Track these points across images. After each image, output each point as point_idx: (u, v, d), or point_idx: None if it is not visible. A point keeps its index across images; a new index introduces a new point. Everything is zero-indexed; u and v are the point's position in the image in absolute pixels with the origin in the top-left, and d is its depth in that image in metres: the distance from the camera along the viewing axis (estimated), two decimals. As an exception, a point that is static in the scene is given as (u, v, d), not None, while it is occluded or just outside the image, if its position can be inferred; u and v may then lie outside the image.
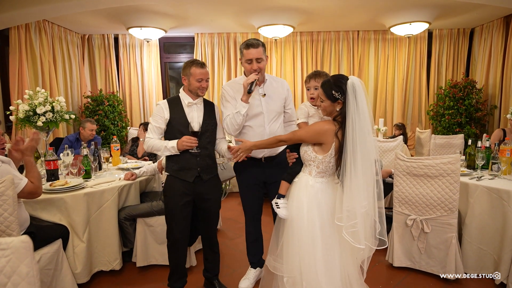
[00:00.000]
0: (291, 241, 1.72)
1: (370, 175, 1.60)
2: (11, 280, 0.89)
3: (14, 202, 1.69)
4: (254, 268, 2.43)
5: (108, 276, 2.53)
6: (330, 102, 1.66)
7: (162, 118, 2.09)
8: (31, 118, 2.71)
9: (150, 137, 2.11)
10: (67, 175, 2.72)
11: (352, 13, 5.13)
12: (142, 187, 2.90)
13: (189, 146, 2.01)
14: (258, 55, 2.07)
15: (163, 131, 2.12)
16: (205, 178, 2.13)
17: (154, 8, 4.71)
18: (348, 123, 1.59)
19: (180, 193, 2.09)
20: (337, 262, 1.69)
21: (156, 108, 2.13)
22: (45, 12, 4.17)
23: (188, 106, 2.10)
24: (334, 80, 1.66)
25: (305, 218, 1.69)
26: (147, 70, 6.29)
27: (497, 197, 2.33)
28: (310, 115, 1.97)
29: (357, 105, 1.58)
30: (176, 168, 2.10)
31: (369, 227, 1.61)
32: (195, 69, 2.05)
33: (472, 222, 2.45)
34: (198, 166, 2.10)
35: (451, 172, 2.31)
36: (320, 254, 1.66)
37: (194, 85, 2.07)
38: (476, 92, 5.57)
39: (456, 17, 5.38)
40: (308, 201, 1.70)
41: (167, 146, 2.04)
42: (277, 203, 1.79)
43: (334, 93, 1.62)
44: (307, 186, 1.72)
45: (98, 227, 2.41)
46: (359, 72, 6.33)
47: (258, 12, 4.87)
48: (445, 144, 4.05)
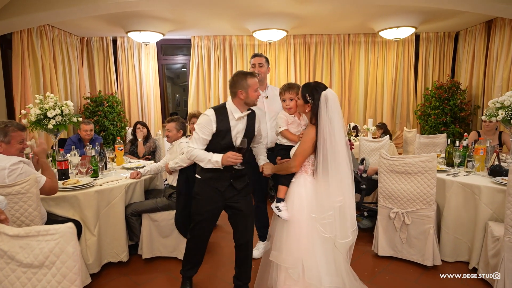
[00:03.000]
0: (293, 233, 1.89)
1: (346, 173, 1.82)
2: (60, 259, 1.10)
3: (37, 199, 1.89)
4: (263, 241, 2.87)
5: (116, 267, 2.73)
6: (303, 102, 1.93)
7: (210, 131, 2.03)
8: (42, 121, 2.89)
9: (194, 147, 2.06)
10: (76, 174, 2.90)
11: (342, 18, 5.37)
12: (146, 184, 3.10)
13: (234, 163, 1.98)
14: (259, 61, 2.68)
15: (208, 143, 2.08)
16: (238, 188, 2.13)
17: (152, 13, 4.88)
18: (320, 127, 1.83)
19: (209, 198, 2.10)
20: (331, 252, 1.90)
21: (203, 119, 2.04)
22: (47, 18, 4.33)
23: (236, 119, 2.06)
24: (312, 86, 1.91)
25: (305, 212, 1.87)
26: (145, 72, 6.46)
27: (470, 191, 2.60)
28: (289, 123, 2.17)
29: (327, 113, 1.82)
30: (209, 175, 2.08)
31: (344, 221, 1.83)
32: (251, 80, 2.02)
33: (448, 214, 2.71)
34: (231, 177, 2.09)
35: (429, 169, 2.56)
36: (319, 244, 1.86)
37: (253, 96, 2.04)
38: (461, 93, 5.86)
39: (441, 22, 5.65)
40: (307, 195, 1.89)
41: (211, 160, 2.00)
42: (278, 206, 1.95)
43: (307, 96, 1.89)
44: (306, 183, 1.92)
45: (107, 222, 2.61)
46: (350, 74, 6.58)
47: (252, 17, 5.07)
48: (429, 143, 4.31)
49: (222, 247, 3.13)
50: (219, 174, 2.07)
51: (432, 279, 2.52)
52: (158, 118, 6.57)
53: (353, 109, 6.70)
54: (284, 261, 1.90)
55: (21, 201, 1.87)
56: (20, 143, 2.13)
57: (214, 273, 2.65)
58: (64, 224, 1.10)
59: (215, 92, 6.51)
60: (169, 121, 3.05)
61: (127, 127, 6.23)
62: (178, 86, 7.74)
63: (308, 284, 1.85)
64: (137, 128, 4.23)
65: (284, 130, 2.20)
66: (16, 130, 2.12)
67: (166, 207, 2.78)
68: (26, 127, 2.28)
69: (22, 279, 1.14)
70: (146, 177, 3.01)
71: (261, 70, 2.69)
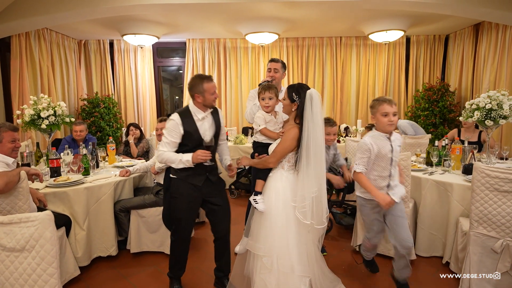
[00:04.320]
0: (269, 224, 2.01)
1: (321, 168, 1.97)
2: (39, 243, 1.22)
3: (27, 193, 2.02)
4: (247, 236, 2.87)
5: (106, 261, 2.85)
6: (289, 102, 2.05)
7: (178, 134, 2.14)
8: (36, 122, 3.02)
9: (164, 150, 2.16)
10: (68, 172, 3.03)
11: (333, 21, 5.50)
12: (136, 182, 3.23)
13: (204, 160, 2.10)
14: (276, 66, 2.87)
15: (177, 145, 2.18)
16: (213, 180, 2.27)
17: (147, 17, 5.03)
18: (305, 125, 1.96)
19: (188, 195, 2.20)
20: (304, 244, 2.02)
21: (170, 124, 2.15)
22: (45, 21, 4.47)
23: (200, 120, 2.19)
24: (297, 86, 2.06)
25: (281, 205, 2.00)
26: (141, 74, 6.61)
27: (443, 189, 2.71)
28: (267, 121, 2.32)
29: (312, 110, 1.97)
30: (185, 174, 2.18)
31: (320, 209, 1.97)
32: (207, 85, 2.14)
33: (424, 211, 2.82)
34: (207, 171, 2.23)
35: (403, 167, 2.67)
36: (292, 235, 1.98)
37: (210, 99, 2.16)
38: (450, 94, 5.97)
39: (431, 25, 5.77)
40: (283, 189, 2.03)
41: (182, 160, 2.12)
42: (255, 199, 2.07)
43: (294, 95, 2.02)
44: (282, 177, 2.05)
45: (96, 218, 2.74)
46: (342, 76, 6.71)
47: (244, 20, 5.21)
48: (414, 144, 4.41)
49: (208, 242, 3.24)
50: (194, 170, 2.18)
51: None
52: (153, 119, 6.71)
53: (345, 111, 6.82)
54: (259, 249, 2.01)
55: (11, 195, 2.00)
56: (12, 142, 2.27)
57: (198, 267, 2.77)
58: (42, 212, 1.22)
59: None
60: (161, 120, 3.17)
61: (123, 128, 6.36)
62: (176, 88, 7.87)
63: (281, 272, 1.96)
64: (130, 130, 4.37)
65: (263, 129, 2.34)
66: (7, 130, 2.27)
67: (154, 203, 2.90)
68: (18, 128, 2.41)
69: (6, 262, 1.26)
70: (135, 175, 3.14)
71: (276, 75, 2.84)
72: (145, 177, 3.39)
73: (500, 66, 5.08)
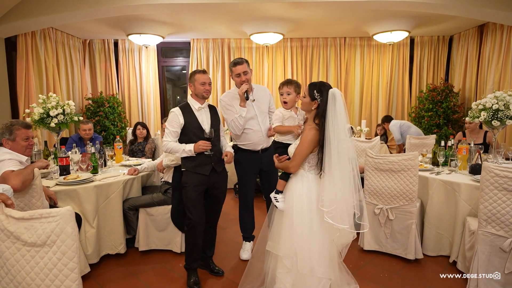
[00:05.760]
0: (289, 225, 1.97)
1: (346, 169, 1.88)
2: (60, 238, 1.24)
3: (40, 190, 2.04)
4: (249, 241, 2.98)
5: (114, 258, 2.87)
6: (310, 100, 1.97)
7: (177, 124, 2.40)
8: (45, 120, 3.05)
9: (168, 140, 2.42)
10: (77, 170, 3.05)
11: (337, 22, 5.51)
12: (144, 181, 3.25)
13: (204, 149, 2.35)
14: (244, 69, 2.61)
15: (179, 134, 2.44)
16: (219, 170, 2.51)
17: (152, 17, 5.05)
18: (327, 125, 1.88)
19: (197, 184, 2.42)
20: (328, 246, 1.98)
21: (171, 115, 2.43)
22: (51, 21, 4.50)
23: (198, 110, 2.45)
24: (319, 84, 1.98)
25: (301, 205, 1.95)
26: (145, 73, 6.63)
27: (451, 188, 2.73)
28: (286, 118, 2.32)
29: (335, 110, 1.88)
30: (193, 164, 2.41)
31: (347, 214, 1.87)
32: (198, 75, 2.42)
33: (431, 210, 2.84)
34: (212, 161, 2.46)
35: (411, 167, 2.69)
36: (314, 236, 1.93)
37: (199, 88, 2.41)
38: (454, 95, 5.98)
39: (435, 26, 5.79)
40: (304, 190, 1.97)
41: (185, 149, 2.36)
42: (276, 197, 2.06)
43: (315, 93, 1.94)
44: (303, 178, 2.00)
45: (105, 216, 2.76)
46: (346, 76, 6.72)
47: (249, 20, 5.23)
48: (419, 144, 4.43)
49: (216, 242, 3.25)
50: (201, 160, 2.41)
51: (413, 271, 2.64)
52: (157, 119, 6.73)
53: (348, 111, 6.73)
54: (279, 250, 2.00)
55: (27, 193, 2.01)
56: (25, 140, 2.28)
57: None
58: (64, 208, 1.24)
59: (214, 94, 6.66)
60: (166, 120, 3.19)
61: (127, 127, 6.38)
62: (179, 88, 7.90)
63: (299, 273, 1.94)
64: (137, 129, 4.42)
65: (277, 126, 2.34)
66: (20, 128, 2.27)
67: (162, 202, 2.92)
68: (31, 125, 2.42)
69: (27, 256, 1.28)
70: (143, 174, 3.16)
71: (247, 77, 2.63)
72: (152, 176, 3.40)
73: (504, 67, 5.10)
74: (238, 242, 3.12)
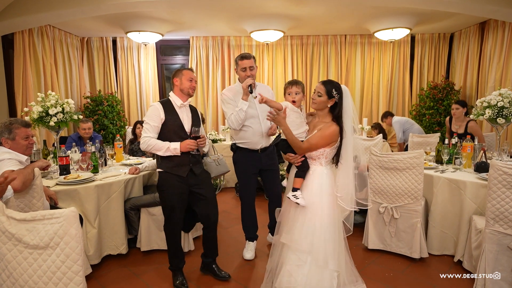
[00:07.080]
0: (308, 220, 2.01)
1: (351, 160, 2.06)
2: (63, 240, 1.20)
3: (41, 191, 1.99)
4: (252, 241, 2.93)
5: (116, 259, 2.83)
6: (327, 98, 2.01)
7: (158, 118, 2.28)
8: (44, 119, 2.99)
9: (149, 136, 2.27)
10: (77, 170, 3.00)
11: (338, 19, 5.47)
12: (145, 180, 3.20)
13: (192, 149, 2.29)
14: (250, 64, 2.59)
15: (159, 130, 2.31)
16: (197, 172, 2.41)
17: (151, 14, 4.99)
18: (345, 121, 2.01)
19: (175, 186, 2.32)
20: (338, 239, 2.05)
21: (151, 109, 2.31)
22: (48, 18, 4.43)
23: (179, 108, 2.36)
24: (334, 83, 2.06)
25: (320, 200, 2.02)
26: (144, 72, 6.57)
27: (456, 187, 2.70)
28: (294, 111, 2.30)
29: (347, 106, 2.02)
30: (171, 165, 2.31)
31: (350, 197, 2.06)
32: (186, 71, 2.38)
33: (435, 209, 2.81)
34: (190, 162, 2.36)
35: (416, 165, 2.66)
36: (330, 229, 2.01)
37: (186, 84, 2.35)
38: (455, 93, 5.96)
39: (436, 23, 5.76)
40: (322, 186, 2.05)
41: (170, 148, 2.26)
42: (295, 195, 2.06)
43: (334, 91, 1.99)
44: (322, 174, 2.06)
45: (107, 216, 2.71)
46: (346, 74, 6.69)
47: (249, 18, 5.18)
48: (422, 142, 4.40)
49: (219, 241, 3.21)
50: (179, 160, 2.31)
51: (418, 270, 2.62)
52: (157, 117, 6.67)
53: (349, 109, 6.79)
54: (297, 243, 2.01)
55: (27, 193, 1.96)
56: (25, 139, 2.23)
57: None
58: (67, 209, 1.20)
59: (213, 92, 6.61)
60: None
61: (127, 126, 6.33)
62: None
63: (313, 266, 1.97)
64: (137, 128, 4.37)
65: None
66: (20, 127, 2.22)
67: (164, 201, 2.88)
68: (30, 124, 2.37)
69: (29, 259, 1.24)
70: (145, 173, 3.11)
71: (253, 72, 2.63)
72: (153, 175, 3.36)
73: (506, 64, 5.08)
74: (241, 242, 3.08)
